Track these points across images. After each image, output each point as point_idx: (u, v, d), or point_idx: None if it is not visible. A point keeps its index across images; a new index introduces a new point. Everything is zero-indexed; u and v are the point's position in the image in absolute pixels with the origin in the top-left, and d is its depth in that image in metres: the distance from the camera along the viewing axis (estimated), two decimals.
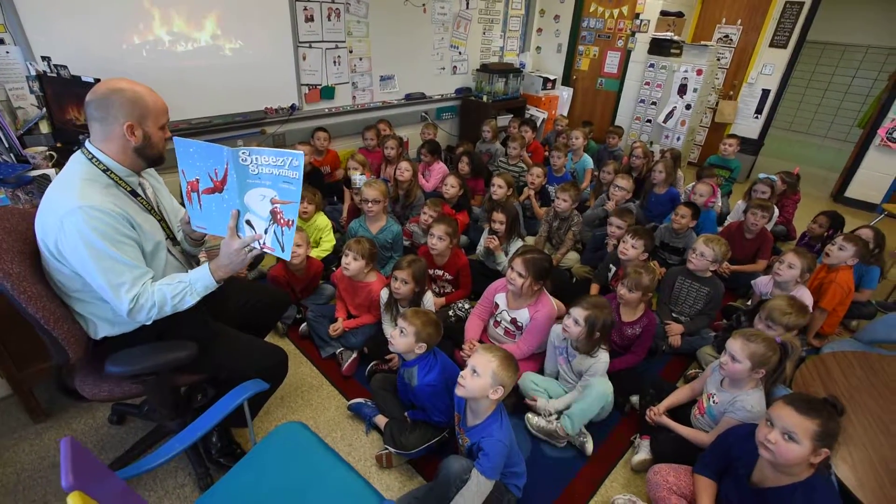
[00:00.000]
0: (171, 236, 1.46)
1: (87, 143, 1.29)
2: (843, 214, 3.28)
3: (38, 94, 2.34)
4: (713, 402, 1.75)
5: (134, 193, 1.34)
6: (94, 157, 1.27)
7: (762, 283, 2.46)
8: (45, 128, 2.39)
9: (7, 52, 2.36)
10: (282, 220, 1.22)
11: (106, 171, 1.27)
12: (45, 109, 2.36)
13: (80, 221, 1.14)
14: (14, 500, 1.60)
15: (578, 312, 1.84)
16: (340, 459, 1.28)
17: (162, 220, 1.43)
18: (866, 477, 1.38)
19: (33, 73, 2.31)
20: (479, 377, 1.39)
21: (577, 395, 1.89)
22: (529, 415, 1.94)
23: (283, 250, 1.25)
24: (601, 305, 1.85)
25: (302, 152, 1.14)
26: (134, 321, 1.27)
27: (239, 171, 1.17)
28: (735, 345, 1.62)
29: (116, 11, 2.63)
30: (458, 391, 1.44)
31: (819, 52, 6.92)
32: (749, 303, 2.71)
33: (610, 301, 2.27)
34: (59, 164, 2.28)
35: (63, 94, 2.29)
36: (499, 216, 2.72)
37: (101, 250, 1.17)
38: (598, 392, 1.84)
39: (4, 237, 1.23)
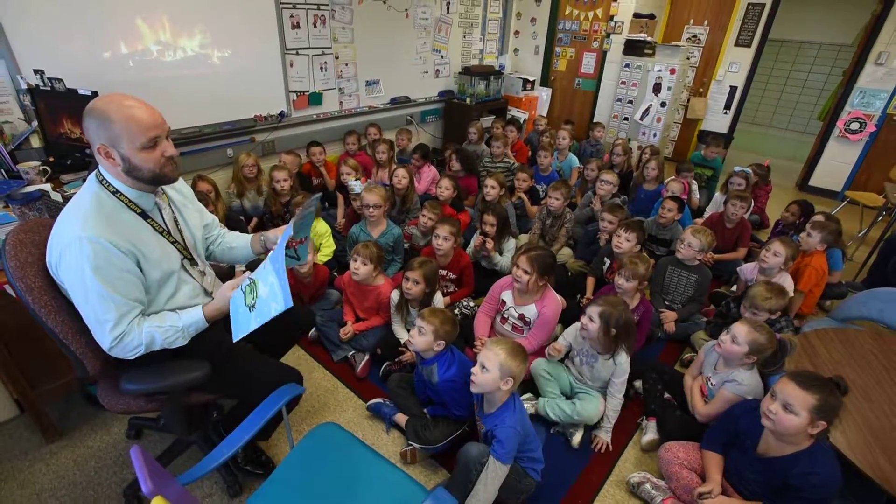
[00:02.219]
0: (188, 257, 1.41)
1: (100, 165, 1.25)
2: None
3: (28, 108, 2.29)
4: (711, 384, 1.88)
5: (144, 215, 1.28)
6: (104, 178, 1.23)
7: (748, 270, 2.62)
8: (36, 142, 2.34)
9: None
10: (295, 243, 1.35)
11: (115, 192, 1.23)
12: (35, 123, 2.31)
13: (77, 252, 1.12)
14: None
15: (593, 310, 1.86)
16: (380, 456, 1.34)
17: (176, 243, 1.37)
18: (855, 440, 1.51)
19: (24, 86, 2.26)
20: (489, 372, 1.48)
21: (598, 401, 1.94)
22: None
23: (298, 259, 1.42)
24: (615, 303, 1.86)
25: (318, 195, 1.29)
26: (115, 357, 1.24)
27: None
28: (742, 329, 1.76)
29: (105, 23, 2.59)
30: (472, 388, 1.53)
31: (777, 50, 7.31)
32: (734, 289, 2.89)
33: (607, 293, 2.40)
34: (52, 179, 2.24)
35: (57, 107, 2.24)
36: (489, 218, 2.78)
37: (91, 285, 1.14)
38: (593, 408, 1.91)
39: (32, 250, 1.24)
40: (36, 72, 2.26)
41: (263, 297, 1.19)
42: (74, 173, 2.29)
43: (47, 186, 2.12)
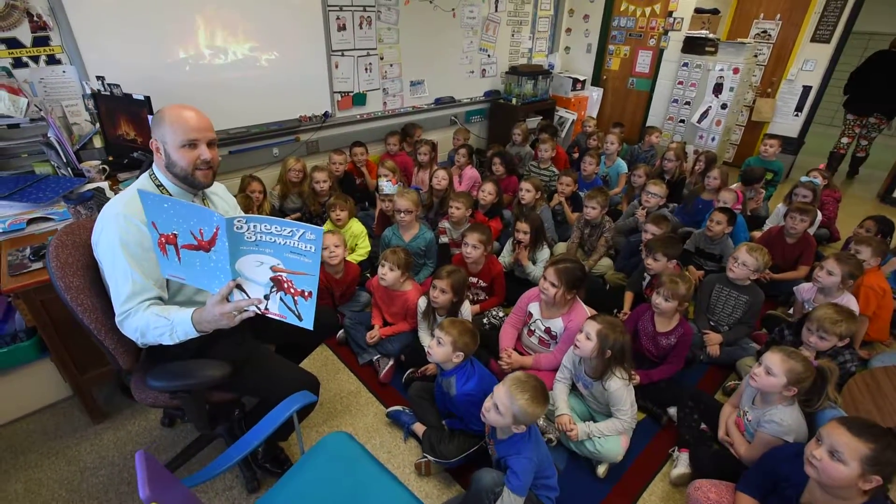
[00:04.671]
0: None
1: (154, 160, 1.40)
2: (891, 218, 3.13)
3: (92, 111, 2.47)
4: (748, 419, 1.72)
5: None
6: (153, 173, 1.38)
7: (805, 290, 2.39)
8: (98, 142, 2.52)
9: (64, 72, 2.50)
10: (292, 290, 1.14)
11: (159, 186, 1.37)
12: (98, 125, 2.50)
13: (114, 226, 1.25)
14: (79, 497, 1.71)
15: (591, 326, 1.75)
16: (385, 470, 1.32)
17: None
18: None
19: (88, 91, 2.44)
20: (501, 416, 1.42)
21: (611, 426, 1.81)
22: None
23: (300, 319, 1.16)
24: (615, 325, 1.75)
25: (321, 228, 1.05)
26: (125, 333, 1.28)
27: (231, 238, 1.09)
28: (774, 358, 1.59)
29: (162, 31, 2.76)
30: (483, 418, 1.48)
31: (864, 44, 6.59)
32: (791, 311, 2.64)
33: (644, 311, 2.26)
34: (110, 177, 2.41)
35: (115, 110, 2.41)
36: (522, 226, 2.69)
37: (118, 258, 1.25)
38: (615, 446, 1.78)
39: (72, 251, 1.34)
40: (98, 78, 2.44)
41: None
42: (129, 172, 2.45)
43: (105, 184, 2.28)
